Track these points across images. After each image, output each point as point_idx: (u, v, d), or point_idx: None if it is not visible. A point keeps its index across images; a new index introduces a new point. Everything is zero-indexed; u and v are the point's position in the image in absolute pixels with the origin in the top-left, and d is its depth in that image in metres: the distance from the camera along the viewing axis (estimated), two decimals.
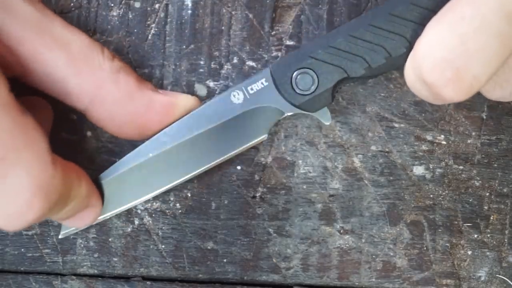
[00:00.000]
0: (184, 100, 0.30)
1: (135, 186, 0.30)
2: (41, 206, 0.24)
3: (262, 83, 0.30)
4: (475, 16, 0.24)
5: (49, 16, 0.28)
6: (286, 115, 0.30)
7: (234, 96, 0.30)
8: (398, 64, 0.29)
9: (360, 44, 0.28)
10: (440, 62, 0.25)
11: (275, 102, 0.30)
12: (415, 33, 0.28)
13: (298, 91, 0.29)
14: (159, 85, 0.32)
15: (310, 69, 0.29)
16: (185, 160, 0.30)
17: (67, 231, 0.31)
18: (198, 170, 0.30)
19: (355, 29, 0.28)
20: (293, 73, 0.29)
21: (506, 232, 0.33)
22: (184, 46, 0.32)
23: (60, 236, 0.31)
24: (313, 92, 0.29)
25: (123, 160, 0.30)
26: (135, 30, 0.32)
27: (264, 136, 0.31)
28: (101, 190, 0.30)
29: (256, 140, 0.31)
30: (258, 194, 0.33)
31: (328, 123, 0.30)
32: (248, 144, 0.31)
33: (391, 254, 0.33)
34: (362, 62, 0.29)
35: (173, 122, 0.30)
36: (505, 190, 0.33)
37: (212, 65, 0.32)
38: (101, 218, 0.31)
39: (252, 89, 0.30)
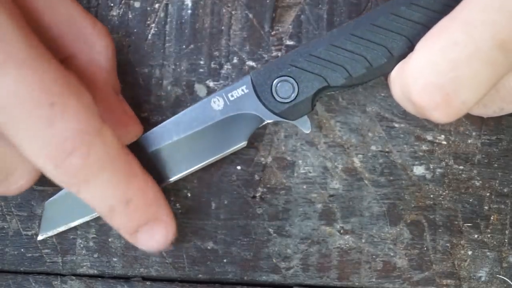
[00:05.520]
0: (136, 128, 0.30)
1: None
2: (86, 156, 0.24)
3: (242, 90, 0.30)
4: (468, 43, 0.24)
5: None
6: (265, 122, 0.30)
7: (214, 102, 0.30)
8: (379, 73, 0.29)
9: (340, 53, 0.28)
10: (430, 86, 0.25)
11: (255, 109, 0.30)
12: (397, 44, 0.28)
13: (278, 98, 0.29)
14: (159, 85, 0.32)
15: (290, 77, 0.29)
16: (163, 166, 0.30)
17: (47, 233, 0.31)
18: (175, 177, 0.30)
19: (336, 38, 0.28)
20: (273, 81, 0.29)
21: (507, 232, 0.33)
22: (184, 46, 0.32)
23: (38, 238, 0.31)
24: (293, 100, 0.29)
25: None
26: (135, 30, 0.32)
27: (243, 143, 0.30)
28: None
29: (235, 147, 0.30)
30: (258, 194, 0.33)
31: (307, 132, 0.30)
32: (226, 151, 0.30)
33: (391, 254, 0.33)
34: (343, 71, 0.29)
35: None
36: (505, 190, 0.33)
37: (212, 65, 0.32)
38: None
39: (232, 95, 0.30)
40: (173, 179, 0.30)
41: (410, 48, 0.27)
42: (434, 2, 0.27)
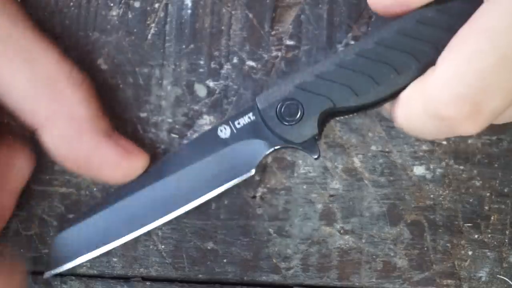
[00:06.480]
0: (139, 161, 0.29)
1: (117, 225, 0.30)
2: None
3: (249, 117, 0.29)
4: (493, 51, 0.23)
5: (19, 25, 0.27)
6: (273, 149, 0.29)
7: (221, 131, 0.30)
8: (386, 93, 0.28)
9: (346, 73, 0.28)
10: (458, 97, 0.24)
11: (262, 136, 0.29)
12: (403, 62, 0.27)
13: (284, 122, 0.29)
14: (159, 85, 0.32)
15: (295, 99, 0.28)
16: (170, 198, 0.30)
17: (53, 271, 0.30)
18: (182, 208, 0.30)
19: (341, 58, 0.28)
20: (278, 104, 0.29)
21: (507, 232, 0.33)
22: (184, 46, 0.32)
23: (44, 276, 0.31)
24: (298, 122, 0.29)
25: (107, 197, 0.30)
26: (135, 30, 0.32)
27: (251, 172, 0.30)
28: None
29: (242, 177, 0.30)
30: (258, 194, 0.33)
31: (315, 157, 0.29)
32: (234, 181, 0.30)
33: (392, 254, 0.33)
34: (349, 92, 0.28)
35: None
36: (505, 190, 0.33)
37: (212, 65, 0.32)
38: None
39: (239, 123, 0.29)
40: (180, 210, 0.30)
41: (419, 68, 0.27)
42: (441, 19, 0.27)
